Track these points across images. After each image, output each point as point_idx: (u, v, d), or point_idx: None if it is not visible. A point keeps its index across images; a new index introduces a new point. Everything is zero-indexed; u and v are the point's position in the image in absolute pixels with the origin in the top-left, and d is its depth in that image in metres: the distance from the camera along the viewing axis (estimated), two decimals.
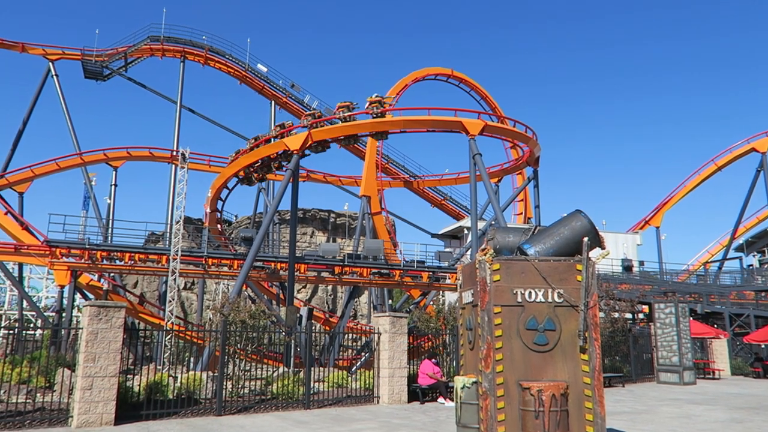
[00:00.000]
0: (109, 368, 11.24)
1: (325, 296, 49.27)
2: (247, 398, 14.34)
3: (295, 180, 26.50)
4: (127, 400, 12.26)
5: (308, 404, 14.11)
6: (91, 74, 38.96)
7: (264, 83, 41.10)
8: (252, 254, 24.65)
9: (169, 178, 36.02)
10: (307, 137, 26.52)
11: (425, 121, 27.88)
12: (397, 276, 30.24)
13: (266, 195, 38.95)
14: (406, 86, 38.80)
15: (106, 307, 11.51)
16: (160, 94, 41.78)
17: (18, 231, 25.91)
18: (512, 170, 38.17)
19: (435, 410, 14.22)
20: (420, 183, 42.95)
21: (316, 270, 29.39)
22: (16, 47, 37.42)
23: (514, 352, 7.19)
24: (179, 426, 11.30)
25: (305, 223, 50.06)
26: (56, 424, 11.13)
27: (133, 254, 25.61)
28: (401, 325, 15.71)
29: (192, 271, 27.72)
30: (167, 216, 34.49)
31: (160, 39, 39.15)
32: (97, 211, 36.24)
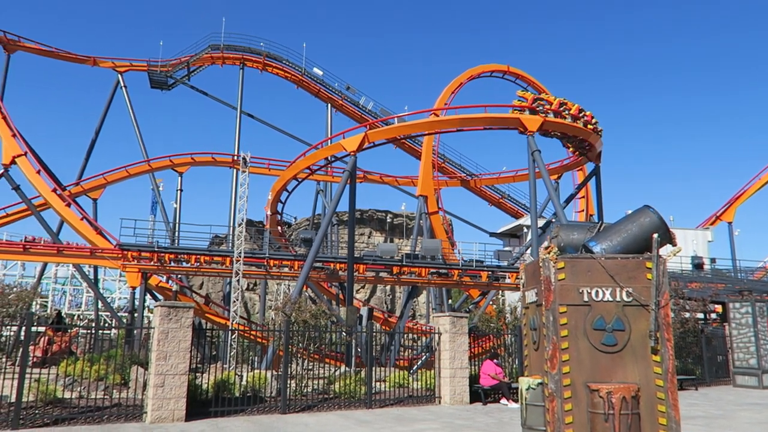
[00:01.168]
0: (180, 366, 11.66)
1: (384, 296, 49.49)
2: (310, 397, 14.57)
3: (352, 181, 26.73)
4: (196, 397, 12.68)
5: (370, 404, 14.20)
6: (157, 84, 40.61)
7: (320, 87, 41.66)
8: (312, 255, 25.03)
9: (231, 181, 37.10)
10: (364, 138, 26.71)
11: (482, 119, 27.56)
12: (456, 275, 30.00)
13: (324, 197, 39.50)
14: (461, 84, 38.45)
15: (176, 307, 11.95)
16: (221, 101, 43.07)
17: (93, 235, 27.27)
18: (573, 166, 37.19)
19: (498, 411, 14.03)
20: (477, 181, 42.47)
21: (374, 270, 29.53)
22: (88, 61, 39.49)
23: (581, 352, 6.98)
24: (246, 423, 11.60)
25: (363, 224, 50.45)
26: (132, 419, 11.64)
27: (199, 256, 26.50)
28: (461, 325, 15.58)
29: (254, 272, 28.42)
30: (230, 219, 35.49)
31: (220, 47, 40.37)
32: (164, 215, 37.74)
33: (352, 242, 26.25)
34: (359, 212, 48.16)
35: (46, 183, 28.30)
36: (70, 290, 56.49)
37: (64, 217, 28.15)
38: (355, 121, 40.94)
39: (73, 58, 39.20)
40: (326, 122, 41.50)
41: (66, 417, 11.45)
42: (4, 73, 34.82)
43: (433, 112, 30.01)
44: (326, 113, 41.83)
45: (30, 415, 11.25)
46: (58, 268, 53.55)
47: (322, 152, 29.65)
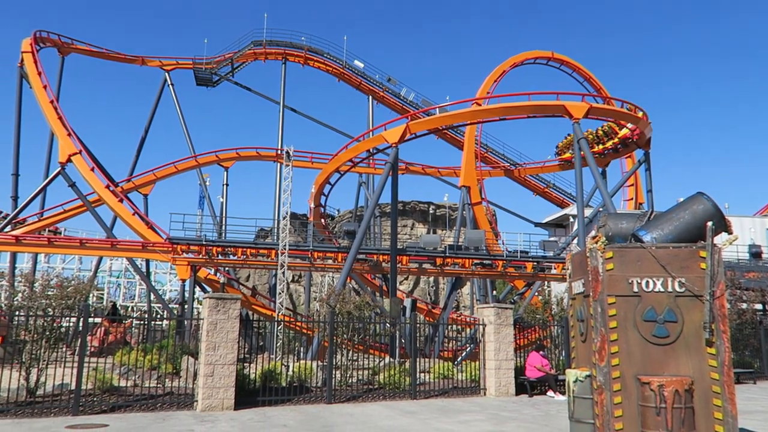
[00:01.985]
0: (228, 356, 11.93)
1: (427, 288, 49.41)
2: (355, 387, 14.70)
3: (394, 173, 26.71)
4: (244, 386, 12.97)
5: (415, 394, 14.23)
6: (202, 81, 41.50)
7: (361, 79, 41.72)
8: (355, 247, 25.18)
9: (275, 175, 37.63)
10: (405, 129, 26.61)
11: (525, 107, 27.06)
12: (500, 266, 29.67)
13: (366, 189, 39.62)
14: (504, 72, 37.84)
15: (224, 299, 12.23)
16: (264, 96, 43.68)
17: (144, 230, 28.14)
18: (621, 154, 36.18)
19: (545, 403, 13.84)
20: (521, 171, 41.81)
21: (417, 262, 29.51)
22: (137, 61, 40.67)
23: (631, 344, 6.81)
24: (293, 413, 11.79)
25: (405, 216, 50.42)
26: (183, 407, 12.00)
27: (245, 249, 27.03)
28: (506, 316, 15.41)
29: (299, 264, 28.81)
30: (274, 212, 36.06)
31: (262, 43, 40.88)
32: (211, 209, 38.66)
33: (395, 234, 26.27)
34: (401, 204, 48.14)
35: (100, 180, 29.33)
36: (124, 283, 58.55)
37: (117, 212, 29.13)
38: (396, 112, 40.86)
39: (122, 58, 40.43)
40: (368, 114, 41.58)
41: (122, 404, 11.90)
42: (59, 75, 36.21)
43: (475, 102, 29.64)
44: (367, 105, 41.89)
45: (89, 402, 11.74)
46: (112, 262, 55.58)
47: (363, 144, 29.71)
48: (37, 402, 11.65)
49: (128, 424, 10.06)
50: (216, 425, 10.13)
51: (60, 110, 30.31)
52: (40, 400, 11.85)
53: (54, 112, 29.94)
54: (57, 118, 29.81)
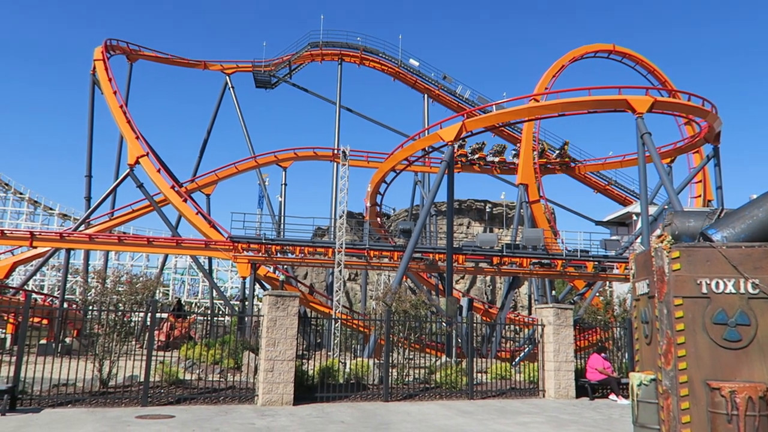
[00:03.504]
0: (287, 353, 12.19)
1: (484, 287, 48.86)
2: (411, 386, 14.72)
3: (450, 171, 26.56)
4: (303, 382, 13.21)
5: (471, 394, 14.12)
6: (261, 83, 42.49)
7: (416, 78, 41.68)
8: (411, 246, 25.19)
9: (332, 174, 38.12)
10: (461, 127, 26.41)
11: (585, 102, 26.34)
12: (559, 266, 29.01)
13: (422, 187, 39.57)
14: (562, 67, 36.95)
15: (283, 296, 12.50)
16: (321, 97, 44.29)
17: (207, 229, 29.11)
18: (687, 149, 34.67)
19: (606, 407, 13.45)
20: (581, 168, 40.73)
21: (473, 261, 29.23)
22: (199, 65, 42.09)
23: (700, 348, 6.51)
24: (350, 409, 11.93)
25: (461, 214, 50.03)
26: (245, 401, 12.35)
27: (303, 248, 27.52)
28: (566, 316, 15.07)
29: (355, 262, 29.09)
30: (331, 211, 36.52)
31: (319, 45, 41.47)
32: (270, 208, 39.57)
33: (451, 232, 26.13)
34: (457, 202, 47.75)
35: (166, 181, 30.52)
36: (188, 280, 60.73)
37: (182, 212, 30.26)
38: (452, 110, 40.61)
39: (185, 63, 41.92)
40: (423, 113, 41.49)
41: (187, 397, 12.36)
42: (127, 81, 37.92)
43: (533, 98, 29.09)
44: (423, 104, 41.81)
45: (156, 394, 12.25)
46: (177, 260, 57.73)
47: (419, 143, 29.69)
48: (110, 392, 12.26)
49: (193, 416, 10.44)
50: (276, 420, 10.36)
51: (129, 114, 31.72)
52: (112, 390, 12.46)
53: (123, 117, 31.37)
54: (126, 122, 31.21)
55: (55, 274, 53.69)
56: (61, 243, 28.75)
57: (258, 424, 9.84)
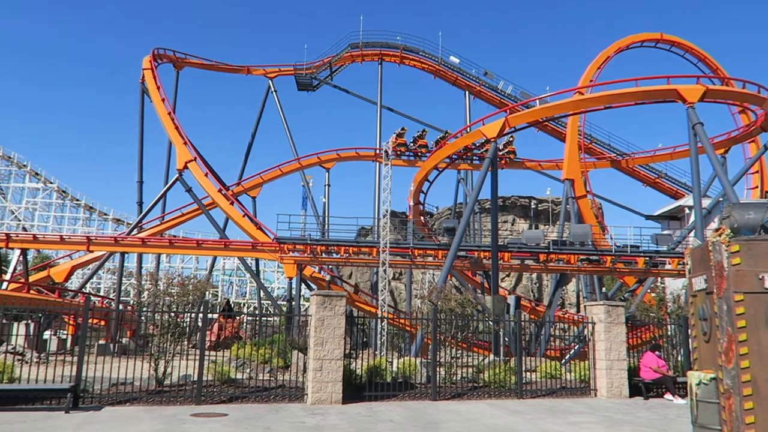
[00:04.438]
0: (335, 352, 12.30)
1: (530, 285, 48.13)
2: (459, 385, 14.64)
3: (493, 168, 26.29)
4: (351, 381, 13.31)
5: (521, 394, 13.94)
6: (303, 86, 43.03)
7: (457, 75, 41.41)
8: (455, 244, 25.05)
9: (374, 174, 38.26)
10: (504, 123, 26.09)
11: (633, 94, 25.61)
12: (608, 262, 28.33)
13: (465, 185, 39.29)
14: (608, 58, 36.05)
15: (330, 296, 12.62)
16: (362, 97, 44.52)
17: (253, 230, 29.67)
18: (743, 138, 33.31)
19: (662, 407, 13.06)
20: (629, 161, 39.67)
21: (519, 258, 28.85)
22: (243, 70, 42.93)
23: (763, 345, 6.26)
24: (398, 408, 11.95)
25: (505, 211, 49.41)
26: (294, 400, 12.53)
27: (347, 248, 27.71)
28: (618, 314, 14.70)
29: (400, 262, 29.11)
30: (374, 210, 36.67)
31: (359, 45, 41.69)
32: (314, 209, 40.06)
33: (496, 230, 25.85)
34: (501, 199, 47.20)
35: (213, 184, 31.27)
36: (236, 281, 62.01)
37: (229, 214, 30.93)
38: (494, 106, 40.17)
39: (229, 69, 42.84)
40: (465, 110, 41.20)
41: (239, 395, 12.62)
42: (174, 88, 39.00)
43: (577, 91, 28.50)
44: (464, 101, 41.51)
45: (209, 393, 12.56)
46: (225, 261, 59.06)
47: (461, 140, 29.49)
48: (165, 391, 12.64)
49: (245, 415, 10.65)
50: (326, 418, 10.47)
51: (176, 121, 32.62)
52: (167, 389, 12.84)
53: (171, 123, 32.29)
54: (174, 128, 32.11)
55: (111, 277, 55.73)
56: (116, 247, 29.82)
57: (308, 423, 9.97)
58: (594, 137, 40.39)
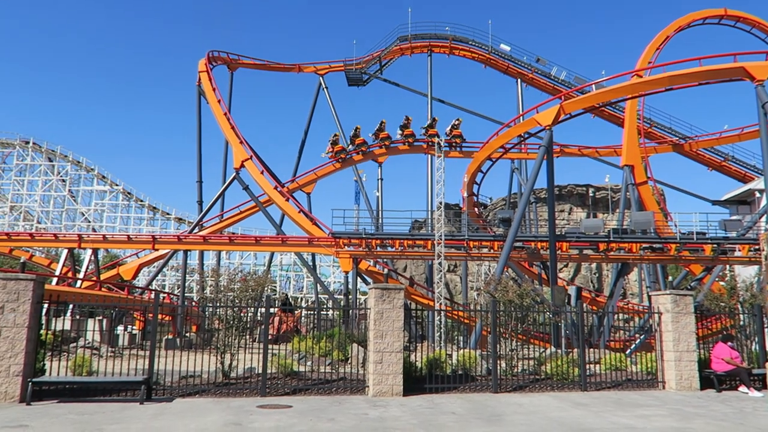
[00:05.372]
0: (395, 344, 12.38)
1: (590, 275, 46.99)
2: (520, 377, 14.47)
3: (549, 156, 25.73)
4: (411, 374, 13.36)
5: (585, 386, 13.65)
6: (353, 81, 43.32)
7: (508, 63, 40.75)
8: (512, 235, 24.71)
9: (426, 167, 38.16)
10: (559, 110, 25.49)
11: (696, 74, 24.49)
12: (673, 250, 27.34)
13: (520, 174, 38.69)
14: (667, 38, 34.66)
15: (388, 289, 12.69)
16: (412, 89, 44.42)
17: (309, 226, 30.16)
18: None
19: (736, 400, 12.52)
20: (693, 145, 38.08)
21: (578, 248, 28.23)
22: (294, 69, 43.59)
23: None
24: (459, 400, 11.92)
25: (562, 200, 48.37)
26: (356, 392, 12.69)
27: (402, 241, 27.80)
28: (685, 303, 14.17)
29: (455, 254, 28.97)
30: (428, 203, 36.59)
31: (407, 38, 41.59)
32: (367, 203, 40.28)
33: (553, 219, 25.33)
34: (558, 188, 46.22)
35: (269, 182, 31.95)
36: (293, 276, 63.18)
37: (285, 211, 31.54)
38: (547, 93, 39.32)
39: (281, 68, 43.60)
40: (517, 98, 40.53)
41: (302, 387, 12.89)
42: (229, 89, 40.02)
43: (635, 73, 27.49)
44: (516, 89, 40.83)
45: (273, 385, 12.88)
46: (282, 257, 60.25)
47: (515, 129, 29.00)
48: (231, 383, 13.04)
49: (309, 406, 10.88)
50: (388, 410, 10.57)
51: (232, 121, 33.47)
52: (233, 381, 13.25)
53: (227, 123, 33.15)
54: (230, 128, 32.96)
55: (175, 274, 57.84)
56: (179, 245, 30.92)
57: (371, 415, 10.08)
58: (654, 121, 38.97)
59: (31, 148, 57.94)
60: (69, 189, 58.45)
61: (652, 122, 38.84)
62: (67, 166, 58.57)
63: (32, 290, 11.05)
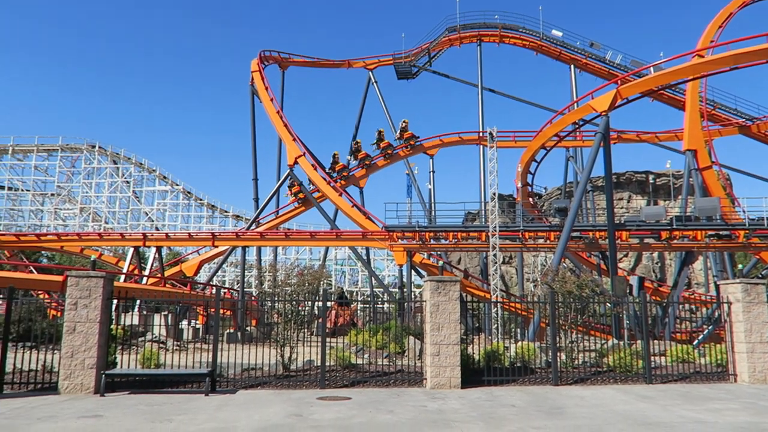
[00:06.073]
0: (451, 337, 12.34)
1: (651, 264, 45.45)
2: (581, 369, 14.16)
3: (605, 143, 24.98)
4: (468, 366, 13.29)
5: (649, 379, 13.22)
6: (403, 75, 43.26)
7: (560, 49, 39.75)
8: (568, 224, 24.16)
9: (479, 158, 37.76)
10: (615, 95, 24.69)
11: (763, 51, 23.18)
12: (741, 237, 26.10)
13: (575, 163, 37.74)
14: (730, 15, 32.98)
15: (443, 281, 12.65)
16: (462, 80, 43.99)
17: (363, 220, 30.38)
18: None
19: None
20: (761, 126, 36.10)
21: (638, 236, 27.34)
22: (344, 64, 43.88)
23: None
24: (519, 393, 11.78)
25: (620, 188, 46.92)
26: (413, 384, 12.72)
27: (456, 233, 27.62)
28: (758, 293, 13.50)
29: (509, 245, 28.59)
30: (480, 194, 36.21)
31: (456, 28, 41.18)
32: (420, 196, 40.22)
33: (611, 207, 24.59)
34: (616, 176, 44.84)
35: (322, 177, 32.33)
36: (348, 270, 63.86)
37: (339, 205, 31.89)
38: (602, 78, 38.18)
39: (331, 64, 43.97)
40: (570, 84, 39.49)
41: (360, 380, 13.03)
42: (281, 87, 40.69)
43: (696, 54, 26.30)
44: (569, 75, 39.79)
45: (332, 377, 13.07)
46: (337, 251, 60.99)
47: (569, 117, 28.27)
48: (291, 375, 13.32)
49: (368, 398, 10.99)
50: (446, 402, 10.55)
51: (285, 118, 34.04)
52: (293, 374, 13.53)
53: (280, 121, 33.75)
54: (283, 126, 33.54)
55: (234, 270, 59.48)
56: (238, 242, 31.77)
57: (430, 407, 10.10)
58: (718, 102, 37.22)
59: (97, 152, 60.71)
60: (133, 190, 60.98)
61: (715, 104, 37.11)
62: (130, 168, 61.11)
63: (102, 287, 11.60)
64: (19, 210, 61.83)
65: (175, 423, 8.55)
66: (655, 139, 37.97)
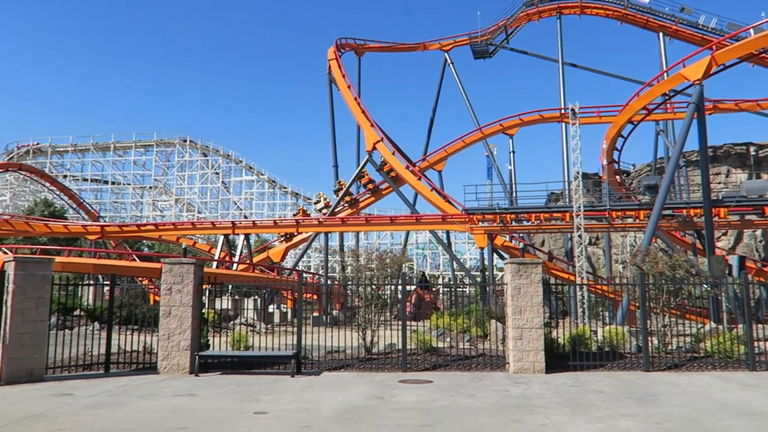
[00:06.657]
0: (534, 320, 12.06)
1: (754, 243, 42.19)
2: (675, 355, 13.46)
3: (700, 114, 23.36)
4: (553, 350, 12.97)
5: (752, 365, 12.35)
6: (479, 54, 42.39)
7: (648, 16, 37.49)
8: (659, 202, 22.89)
9: (560, 136, 36.49)
10: (710, 62, 22.99)
11: None
12: None
13: (666, 137, 35.67)
14: None
15: (525, 263, 12.37)
16: (542, 56, 42.53)
17: (442, 204, 30.24)
18: None
19: None
20: None
21: (738, 213, 25.50)
22: (419, 47, 43.59)
23: None
24: (607, 378, 11.37)
25: (716, 162, 43.76)
26: (496, 368, 12.58)
27: (538, 214, 26.91)
28: None
29: (595, 225, 27.52)
30: (563, 174, 35.03)
31: (534, 2, 39.81)
32: (500, 178, 39.47)
33: (707, 183, 23.05)
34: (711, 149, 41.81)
35: (401, 162, 32.42)
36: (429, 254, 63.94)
37: (418, 189, 31.89)
38: (694, 45, 35.70)
39: (406, 48, 43.81)
40: (659, 54, 37.25)
41: (441, 363, 13.05)
42: (358, 74, 41.03)
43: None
44: (657, 44, 37.49)
45: (413, 360, 13.17)
46: (417, 235, 61.18)
47: (658, 88, 26.64)
48: (373, 358, 13.55)
49: (449, 382, 10.98)
50: (530, 387, 10.36)
51: (362, 105, 34.32)
52: (375, 357, 13.75)
53: (358, 108, 34.07)
54: (361, 113, 33.84)
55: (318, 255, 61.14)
56: (320, 228, 32.57)
57: (513, 392, 9.95)
58: None
59: (188, 145, 64.05)
60: (222, 180, 63.95)
61: None
62: (219, 160, 64.06)
63: (193, 273, 12.25)
64: (122, 203, 66.51)
65: (262, 403, 8.92)
66: (756, 107, 35.13)
